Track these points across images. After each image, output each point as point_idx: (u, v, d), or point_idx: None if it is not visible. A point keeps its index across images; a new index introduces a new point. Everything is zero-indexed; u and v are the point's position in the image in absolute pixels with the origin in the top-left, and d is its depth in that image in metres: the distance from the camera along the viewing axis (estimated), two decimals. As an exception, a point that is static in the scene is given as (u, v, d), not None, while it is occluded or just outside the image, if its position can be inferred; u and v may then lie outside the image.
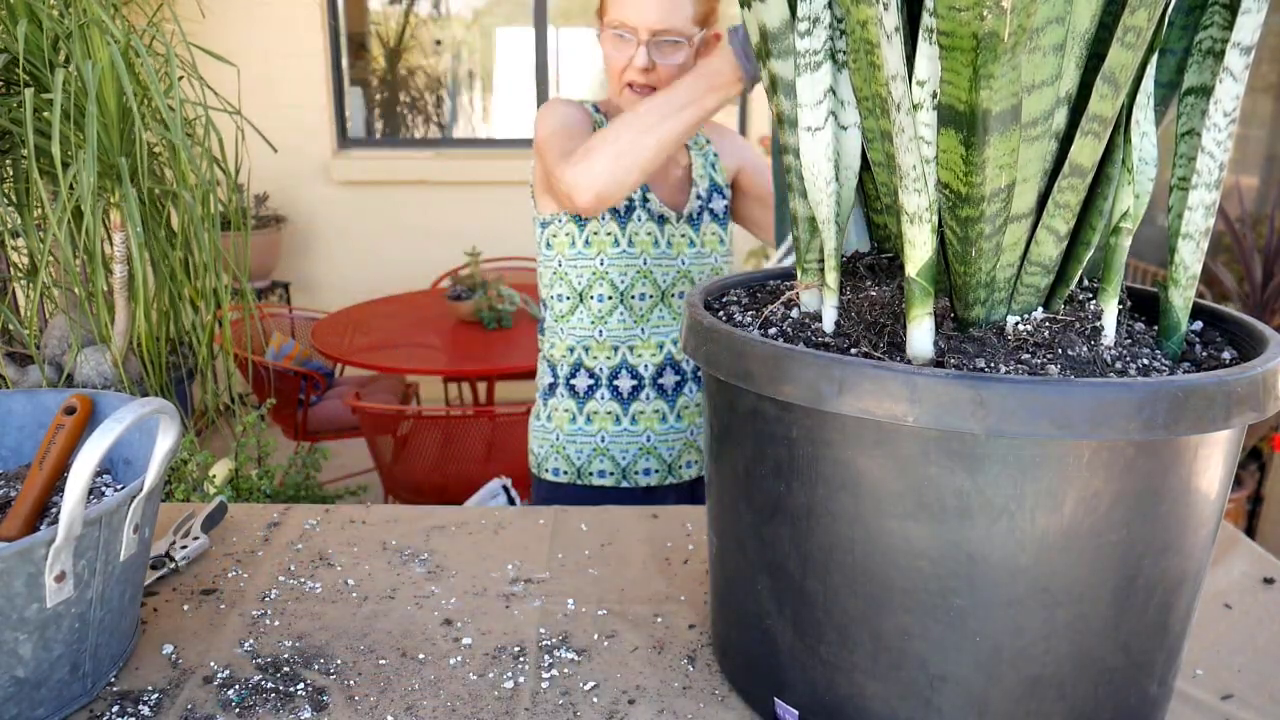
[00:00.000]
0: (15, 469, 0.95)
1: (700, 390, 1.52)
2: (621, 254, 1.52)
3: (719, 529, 0.78)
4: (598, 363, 1.55)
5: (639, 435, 1.58)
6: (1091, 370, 0.64)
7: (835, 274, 0.73)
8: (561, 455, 1.60)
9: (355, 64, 4.59)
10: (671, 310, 1.58)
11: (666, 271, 1.55)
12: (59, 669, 0.73)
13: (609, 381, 1.56)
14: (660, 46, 1.43)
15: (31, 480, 0.86)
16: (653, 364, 1.56)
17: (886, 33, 0.59)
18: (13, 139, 2.24)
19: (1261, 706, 0.79)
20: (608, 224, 1.51)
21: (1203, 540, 0.66)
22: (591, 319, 1.54)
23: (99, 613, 0.75)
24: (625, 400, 1.56)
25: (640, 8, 1.41)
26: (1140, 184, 0.67)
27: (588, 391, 1.57)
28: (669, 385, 1.57)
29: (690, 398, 1.59)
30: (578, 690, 0.81)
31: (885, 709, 0.67)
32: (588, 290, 1.54)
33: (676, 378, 1.58)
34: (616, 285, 1.53)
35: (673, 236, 1.55)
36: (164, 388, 2.41)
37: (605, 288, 1.53)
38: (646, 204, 1.54)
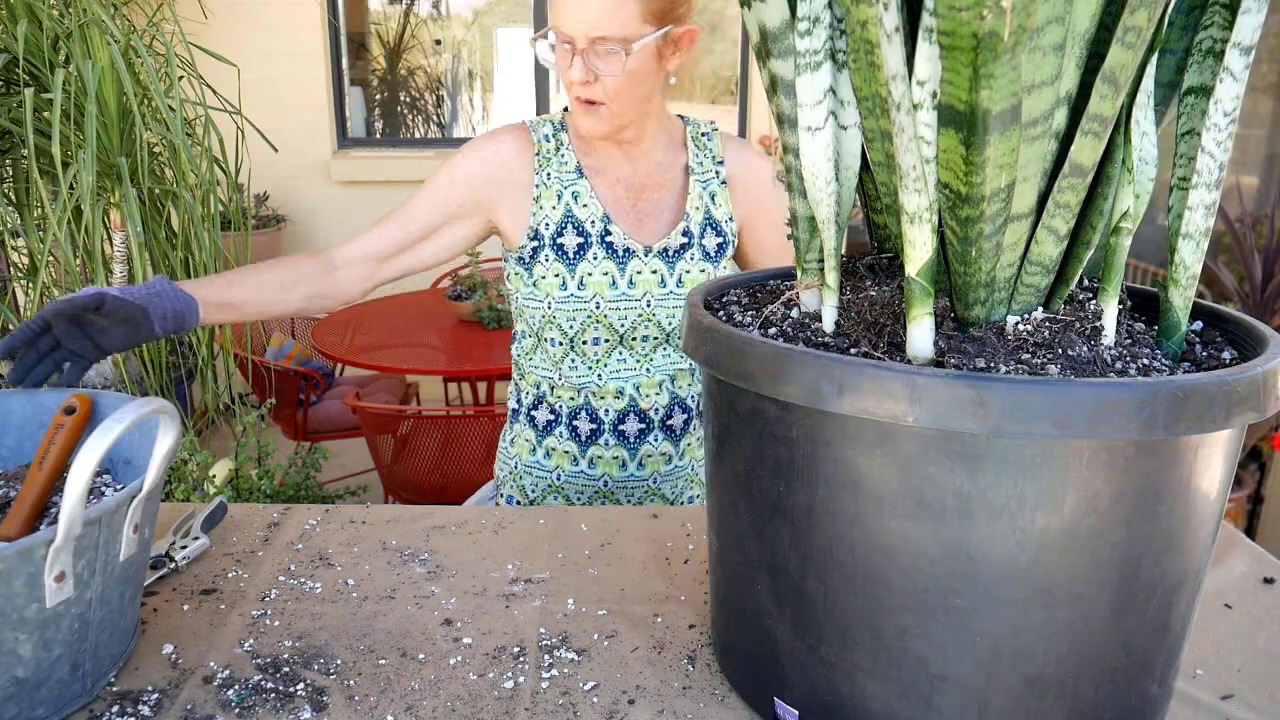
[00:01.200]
0: (15, 469, 0.95)
1: (666, 439, 1.40)
2: (569, 298, 1.33)
3: (719, 529, 0.78)
4: (560, 400, 1.41)
5: (596, 479, 1.42)
6: (1091, 370, 0.64)
7: (835, 274, 0.73)
8: (518, 485, 1.47)
9: (355, 64, 4.59)
10: (634, 352, 1.38)
11: (625, 315, 1.35)
12: (59, 669, 0.73)
13: (569, 420, 1.41)
14: (600, 55, 1.21)
15: (31, 480, 0.86)
16: (614, 409, 1.38)
17: (886, 32, 0.59)
18: (13, 139, 2.24)
19: (1261, 706, 0.79)
20: (553, 265, 1.33)
21: (1203, 540, 0.66)
22: (550, 362, 1.39)
23: (99, 613, 0.75)
24: (583, 443, 1.41)
25: (572, 11, 1.19)
26: (1140, 184, 0.67)
27: (547, 426, 1.43)
28: (630, 433, 1.40)
29: (655, 446, 1.41)
30: (578, 690, 0.81)
31: (885, 709, 0.67)
32: (541, 331, 1.38)
33: (640, 425, 1.39)
34: (565, 330, 1.35)
35: (637, 274, 1.34)
36: (164, 388, 2.42)
37: (555, 331, 1.36)
38: (606, 239, 1.34)
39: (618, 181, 1.36)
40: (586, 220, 1.33)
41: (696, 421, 1.45)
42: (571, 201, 1.34)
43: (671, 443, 1.43)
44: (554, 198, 1.33)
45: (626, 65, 1.20)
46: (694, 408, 1.44)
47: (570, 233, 1.33)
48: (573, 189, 1.34)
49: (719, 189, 1.39)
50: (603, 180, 1.35)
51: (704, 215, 1.37)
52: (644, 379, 1.38)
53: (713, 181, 1.38)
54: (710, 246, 1.38)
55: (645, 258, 1.35)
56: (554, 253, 1.33)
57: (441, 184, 1.33)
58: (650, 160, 1.36)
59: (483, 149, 1.34)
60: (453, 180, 1.33)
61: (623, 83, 1.22)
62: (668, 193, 1.38)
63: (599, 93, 1.23)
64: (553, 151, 1.35)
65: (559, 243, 1.33)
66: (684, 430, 1.44)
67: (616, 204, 1.35)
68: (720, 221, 1.38)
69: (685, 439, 1.44)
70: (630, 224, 1.35)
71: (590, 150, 1.35)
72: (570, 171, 1.34)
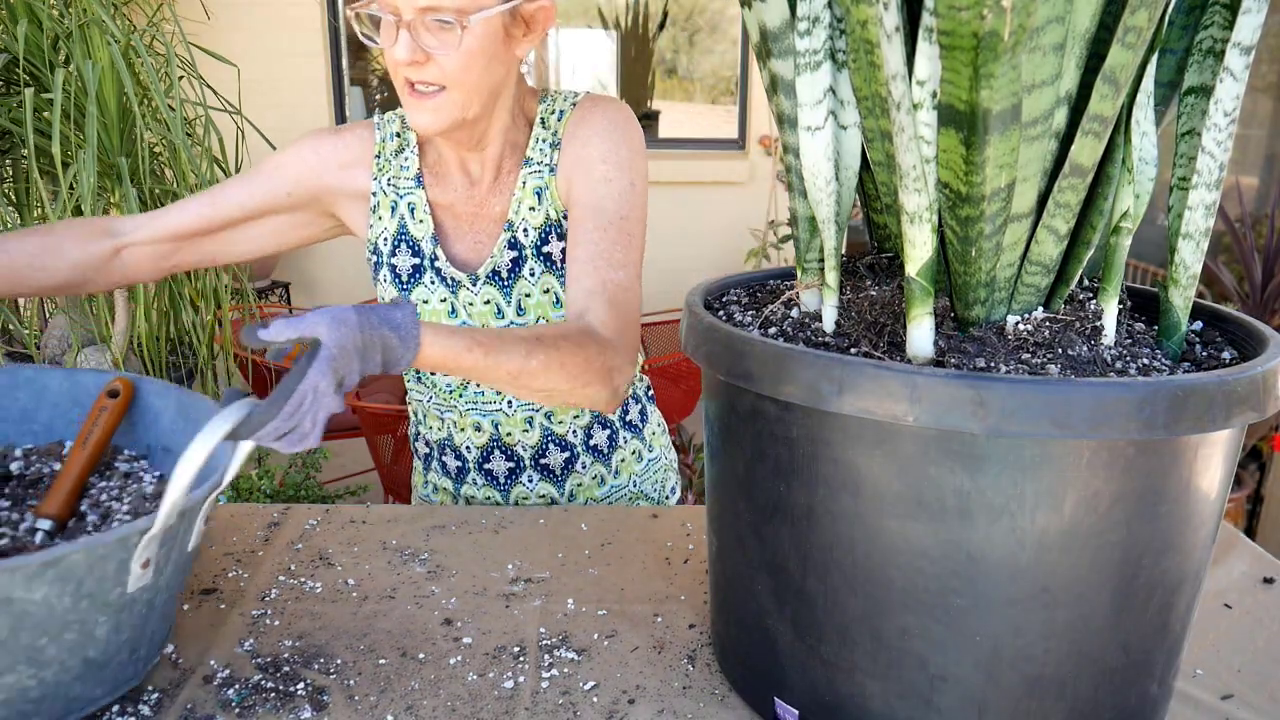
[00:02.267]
0: (46, 444, 0.96)
1: (544, 479, 1.23)
2: None
3: (719, 529, 0.78)
4: (431, 430, 1.25)
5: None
6: (1091, 370, 0.64)
7: (835, 274, 0.73)
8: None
9: (355, 64, 4.59)
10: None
11: None
12: (122, 651, 0.74)
13: (439, 454, 1.25)
14: (433, 30, 0.98)
15: (73, 460, 0.88)
16: (475, 445, 1.21)
17: (886, 32, 0.59)
18: (13, 139, 2.24)
19: (1261, 706, 0.79)
20: (388, 289, 1.16)
21: (1203, 540, 0.66)
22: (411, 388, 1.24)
23: (162, 598, 0.77)
24: (455, 479, 1.25)
25: None
26: (1140, 184, 0.67)
27: (425, 459, 1.28)
28: (499, 471, 1.22)
29: (530, 488, 1.23)
30: (578, 690, 0.81)
31: (885, 709, 0.67)
32: None
33: (509, 464, 1.21)
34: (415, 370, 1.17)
35: (469, 305, 1.14)
36: (164, 388, 2.41)
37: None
38: (435, 264, 1.14)
39: (457, 195, 1.14)
40: (421, 238, 1.13)
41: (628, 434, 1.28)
42: (407, 215, 1.14)
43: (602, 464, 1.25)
44: (389, 209, 1.14)
45: (463, 42, 0.97)
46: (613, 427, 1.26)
47: (404, 251, 1.14)
48: (409, 199, 1.14)
49: (549, 179, 1.12)
50: (442, 193, 1.14)
51: (544, 216, 1.12)
52: (503, 416, 1.19)
53: (546, 171, 1.12)
54: (556, 254, 1.12)
55: (474, 287, 1.13)
56: (389, 274, 1.15)
57: (266, 168, 1.14)
58: (494, 162, 1.12)
59: (320, 140, 1.15)
60: (278, 165, 1.14)
61: (462, 64, 0.99)
62: (479, 202, 1.14)
63: (434, 75, 0.99)
64: (394, 154, 1.15)
65: (393, 263, 1.15)
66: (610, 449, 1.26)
67: (454, 221, 1.14)
68: (558, 220, 1.12)
69: (615, 456, 1.27)
70: (466, 247, 1.14)
71: (434, 153, 1.14)
72: (409, 179, 1.14)
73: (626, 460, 1.29)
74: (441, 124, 1.02)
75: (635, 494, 1.31)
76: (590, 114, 1.12)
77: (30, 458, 0.94)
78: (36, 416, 0.98)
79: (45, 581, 0.65)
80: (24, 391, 0.97)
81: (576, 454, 1.24)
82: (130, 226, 1.10)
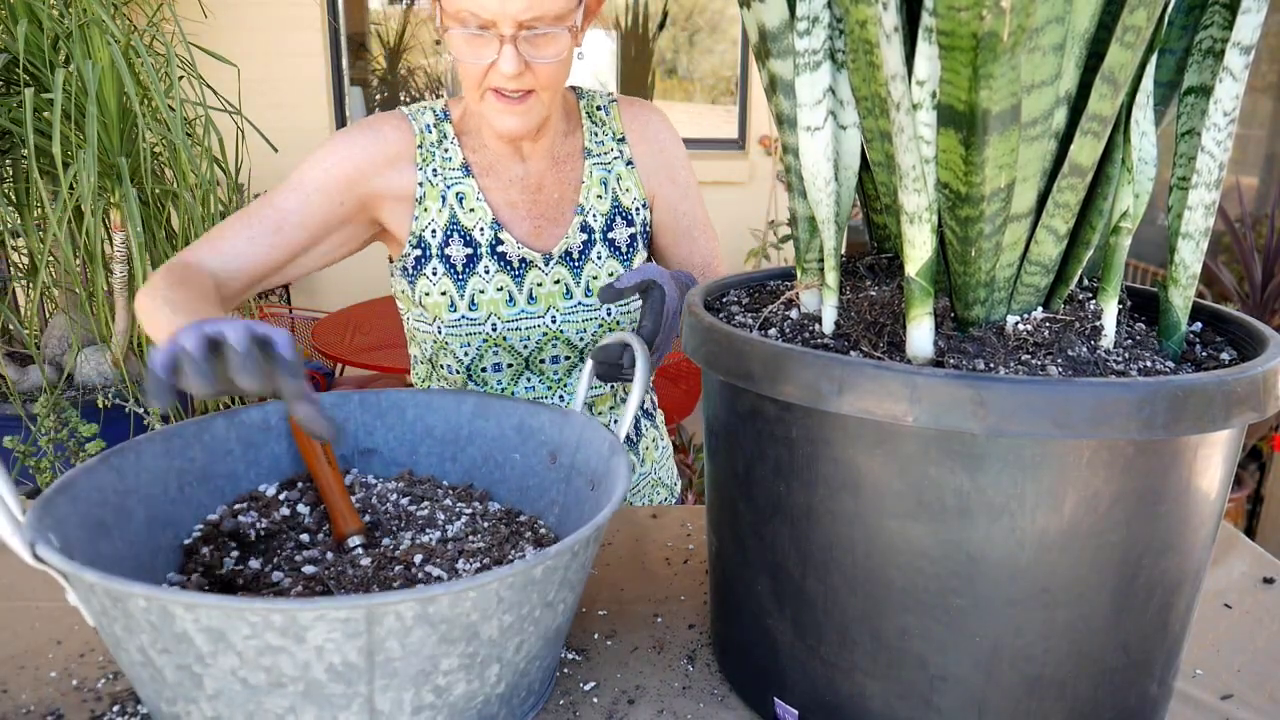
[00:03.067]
0: (235, 496, 0.91)
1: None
2: (460, 320, 1.15)
3: (719, 529, 0.78)
4: None
5: None
6: (1091, 370, 0.64)
7: (835, 274, 0.73)
8: None
9: (355, 64, 4.59)
10: (544, 377, 1.20)
11: (527, 335, 1.17)
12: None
13: None
14: (532, 41, 1.01)
15: (328, 480, 0.89)
16: None
17: (886, 32, 0.59)
18: (13, 139, 2.25)
19: (1261, 706, 0.79)
20: (440, 280, 1.14)
21: (1203, 540, 0.66)
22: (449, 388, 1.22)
23: None
24: None
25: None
26: (1140, 184, 0.67)
27: None
28: None
29: None
30: (578, 690, 0.81)
31: (885, 709, 0.67)
32: (435, 358, 1.20)
33: None
34: (459, 357, 1.17)
35: (537, 286, 1.16)
36: (164, 388, 2.41)
37: (449, 359, 1.18)
38: (497, 249, 1.15)
39: (511, 183, 1.17)
40: (474, 227, 1.15)
41: (647, 423, 1.33)
42: (456, 205, 1.14)
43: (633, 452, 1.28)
44: (438, 199, 1.14)
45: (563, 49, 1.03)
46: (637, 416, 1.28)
47: (457, 242, 1.14)
48: (457, 190, 1.15)
49: (625, 170, 1.20)
50: (494, 181, 1.16)
51: (610, 204, 1.19)
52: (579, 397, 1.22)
53: (616, 163, 1.20)
54: (620, 240, 1.19)
55: (546, 267, 1.16)
56: (442, 265, 1.14)
57: (311, 179, 1.10)
58: (547, 153, 1.17)
59: (359, 136, 1.13)
60: (328, 177, 1.10)
61: (555, 68, 1.04)
62: (567, 186, 1.19)
63: (528, 82, 1.04)
64: (435, 144, 1.15)
65: (447, 253, 1.14)
66: (638, 436, 1.30)
67: (511, 208, 1.16)
68: (630, 209, 1.20)
69: (641, 443, 1.31)
70: (527, 230, 1.17)
71: (478, 145, 1.16)
72: (455, 169, 1.15)
73: (649, 448, 1.33)
74: (530, 126, 1.08)
75: (656, 481, 1.35)
76: (647, 115, 1.24)
77: (239, 516, 0.87)
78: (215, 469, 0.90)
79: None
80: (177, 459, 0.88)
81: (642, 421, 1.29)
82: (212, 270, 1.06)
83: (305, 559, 0.84)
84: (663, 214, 1.23)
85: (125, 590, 0.57)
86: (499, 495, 0.97)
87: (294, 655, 0.58)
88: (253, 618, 0.56)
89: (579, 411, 0.94)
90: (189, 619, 0.57)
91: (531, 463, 0.96)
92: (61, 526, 0.69)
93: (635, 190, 1.20)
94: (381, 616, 0.58)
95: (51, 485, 0.72)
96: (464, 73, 1.05)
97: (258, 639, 0.57)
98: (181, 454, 0.87)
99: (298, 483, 0.93)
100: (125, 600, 0.58)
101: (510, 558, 0.83)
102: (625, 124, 1.21)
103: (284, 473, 0.94)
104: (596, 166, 1.19)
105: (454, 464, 0.99)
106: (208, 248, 1.06)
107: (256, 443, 0.93)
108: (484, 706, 0.68)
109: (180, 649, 0.58)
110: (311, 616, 0.56)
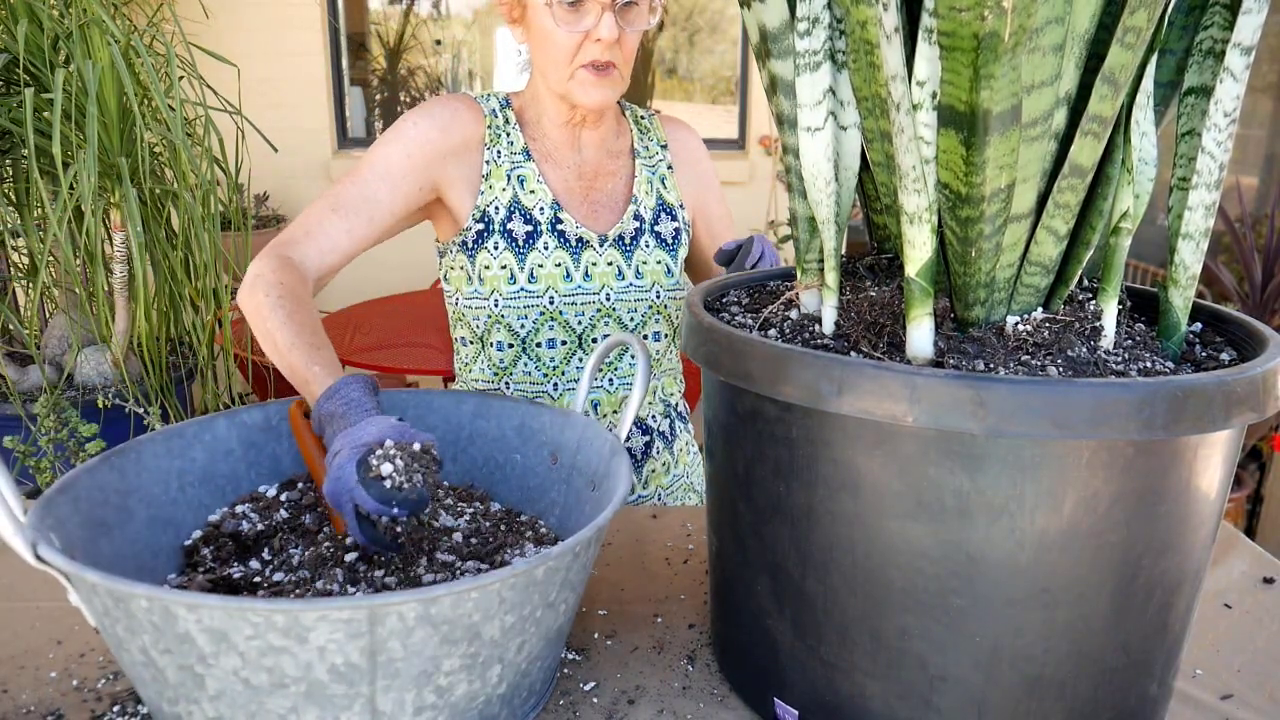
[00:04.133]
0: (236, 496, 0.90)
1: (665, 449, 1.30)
2: (519, 292, 1.20)
3: (719, 529, 0.78)
4: None
5: None
6: (1091, 371, 0.64)
7: (835, 274, 0.73)
8: None
9: (355, 64, 4.59)
10: None
11: (582, 311, 1.22)
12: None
13: None
14: (623, 12, 1.12)
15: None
16: None
17: (886, 33, 0.59)
18: (13, 139, 2.24)
19: (1261, 706, 0.79)
20: (501, 254, 1.19)
21: (1203, 540, 0.66)
22: (493, 370, 1.24)
23: None
24: None
25: None
26: (1140, 184, 0.67)
27: None
28: None
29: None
30: (578, 690, 0.81)
31: (885, 709, 0.67)
32: (486, 335, 1.23)
33: None
34: (515, 331, 1.21)
35: (592, 265, 1.22)
36: (164, 387, 2.42)
37: (503, 333, 1.22)
38: (557, 226, 1.21)
39: (569, 169, 1.25)
40: (534, 207, 1.21)
41: (680, 425, 1.36)
42: (518, 186, 1.21)
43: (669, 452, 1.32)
44: (503, 178, 1.20)
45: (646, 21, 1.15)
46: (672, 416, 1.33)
47: (518, 219, 1.20)
48: (519, 172, 1.21)
49: (667, 173, 1.31)
50: (552, 167, 1.23)
51: (656, 200, 1.28)
52: (604, 395, 1.25)
53: (660, 165, 1.31)
54: (666, 233, 1.28)
55: (600, 248, 1.23)
56: (504, 239, 1.20)
57: (397, 164, 1.15)
58: (601, 145, 1.27)
59: (438, 115, 1.18)
60: (411, 163, 1.15)
61: (636, 42, 1.15)
62: (619, 179, 1.28)
63: (615, 55, 1.13)
64: (501, 128, 1.22)
65: (509, 228, 1.20)
66: (673, 437, 1.33)
67: (568, 193, 1.24)
68: (673, 206, 1.30)
69: (675, 444, 1.34)
70: (583, 213, 1.24)
71: (539, 134, 1.24)
72: (517, 153, 1.22)
73: (682, 450, 1.36)
74: (611, 100, 1.17)
75: (688, 486, 1.37)
76: (685, 134, 1.36)
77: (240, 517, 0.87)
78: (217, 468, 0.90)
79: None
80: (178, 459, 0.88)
81: (654, 438, 1.30)
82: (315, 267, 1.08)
83: (306, 559, 0.84)
84: (700, 221, 1.35)
85: (128, 591, 0.57)
86: (500, 496, 0.97)
87: (296, 656, 0.58)
88: (255, 618, 0.56)
89: (579, 412, 0.94)
90: (191, 619, 0.57)
91: (532, 463, 0.96)
92: (63, 526, 0.69)
93: (676, 192, 1.30)
94: (384, 617, 0.58)
95: (52, 485, 0.72)
96: (555, 50, 1.13)
97: (260, 639, 0.57)
98: (182, 454, 0.87)
99: (298, 483, 0.93)
100: (128, 601, 0.58)
101: (511, 559, 0.83)
102: (667, 134, 1.33)
103: (284, 473, 0.94)
104: (644, 166, 1.29)
105: (455, 464, 0.99)
106: (310, 245, 1.08)
107: (257, 443, 0.93)
108: (485, 707, 0.68)
109: (182, 649, 0.59)
110: (314, 617, 0.56)
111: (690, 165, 1.34)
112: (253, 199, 4.29)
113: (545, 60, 1.16)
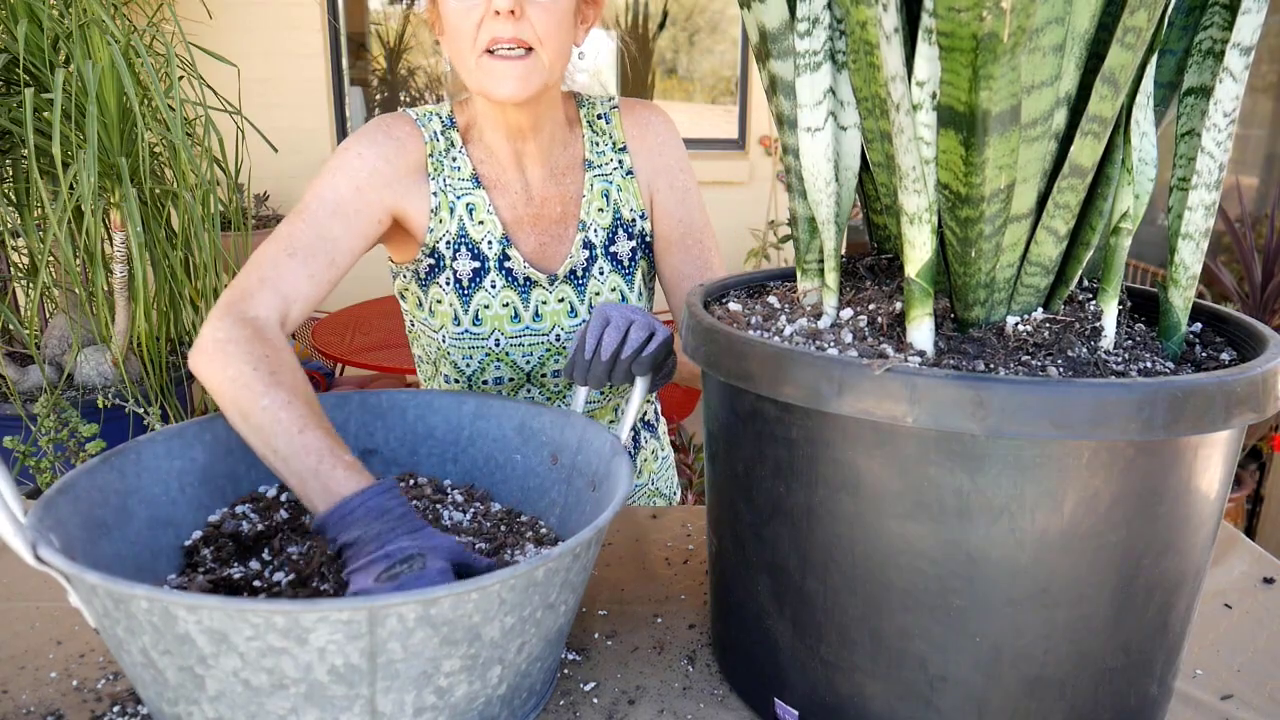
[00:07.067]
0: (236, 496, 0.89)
1: None
2: (464, 334, 1.11)
3: (719, 529, 0.78)
4: None
5: None
6: (1091, 371, 0.64)
7: (835, 274, 0.73)
8: None
9: (355, 64, 4.59)
10: (545, 389, 1.17)
11: (530, 351, 1.13)
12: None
13: None
14: None
15: None
16: None
17: (886, 33, 0.59)
18: (13, 139, 2.24)
19: (1261, 706, 0.79)
20: (448, 293, 1.11)
21: (1203, 540, 0.66)
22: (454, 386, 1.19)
23: None
24: None
25: None
26: (1140, 184, 0.67)
27: None
28: None
29: None
30: (577, 690, 0.81)
31: (885, 709, 0.67)
32: (437, 364, 1.17)
33: None
34: (460, 369, 1.14)
35: (542, 304, 1.13)
36: (164, 387, 2.42)
37: (449, 368, 1.15)
38: (504, 265, 1.11)
39: (517, 194, 1.12)
40: (482, 240, 1.10)
41: (647, 434, 1.32)
42: (466, 216, 1.10)
43: None
44: (449, 210, 1.09)
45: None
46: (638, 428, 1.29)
47: (464, 255, 1.10)
48: (468, 201, 1.10)
49: (624, 181, 1.16)
50: (501, 193, 1.11)
51: (612, 217, 1.15)
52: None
53: (616, 174, 1.16)
54: (622, 254, 1.15)
55: (551, 287, 1.13)
56: (451, 278, 1.10)
57: (348, 198, 1.03)
58: (546, 161, 1.13)
59: (381, 144, 1.06)
60: (359, 190, 1.03)
61: (555, 20, 0.98)
62: (569, 201, 1.14)
63: (526, 32, 0.96)
64: (444, 154, 1.10)
65: (455, 267, 1.10)
66: (635, 449, 1.28)
67: (517, 223, 1.12)
68: (630, 221, 1.16)
69: (639, 456, 1.30)
70: (532, 247, 1.13)
71: (486, 154, 1.11)
72: (465, 179, 1.10)
73: (647, 460, 1.33)
74: (529, 90, 0.99)
75: (653, 492, 1.34)
76: (648, 118, 1.19)
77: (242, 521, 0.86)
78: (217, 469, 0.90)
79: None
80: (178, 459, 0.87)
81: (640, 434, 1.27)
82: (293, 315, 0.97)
83: (306, 559, 0.84)
84: (660, 221, 1.18)
85: (128, 592, 0.57)
86: (500, 496, 0.97)
87: (296, 657, 0.58)
88: (255, 619, 0.56)
89: (580, 413, 0.94)
90: (191, 620, 0.57)
91: (533, 463, 0.96)
92: (63, 527, 0.69)
93: (634, 201, 1.17)
94: (384, 618, 0.58)
95: (53, 486, 0.72)
96: (458, 39, 0.98)
97: (260, 640, 0.57)
98: (182, 454, 0.87)
99: None
100: (128, 602, 0.58)
101: (512, 559, 0.83)
102: (626, 129, 1.17)
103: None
104: (597, 179, 1.15)
105: (455, 465, 0.99)
106: (270, 295, 0.95)
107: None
108: (485, 707, 0.68)
109: (182, 650, 0.59)
110: (314, 618, 0.56)
111: (651, 156, 1.18)
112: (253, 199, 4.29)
113: (454, 54, 1.01)
